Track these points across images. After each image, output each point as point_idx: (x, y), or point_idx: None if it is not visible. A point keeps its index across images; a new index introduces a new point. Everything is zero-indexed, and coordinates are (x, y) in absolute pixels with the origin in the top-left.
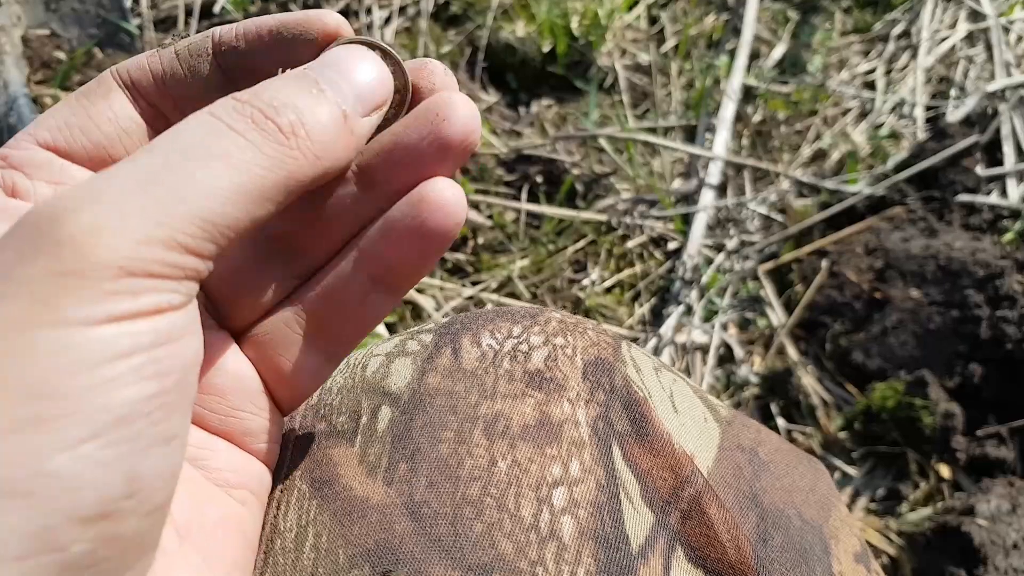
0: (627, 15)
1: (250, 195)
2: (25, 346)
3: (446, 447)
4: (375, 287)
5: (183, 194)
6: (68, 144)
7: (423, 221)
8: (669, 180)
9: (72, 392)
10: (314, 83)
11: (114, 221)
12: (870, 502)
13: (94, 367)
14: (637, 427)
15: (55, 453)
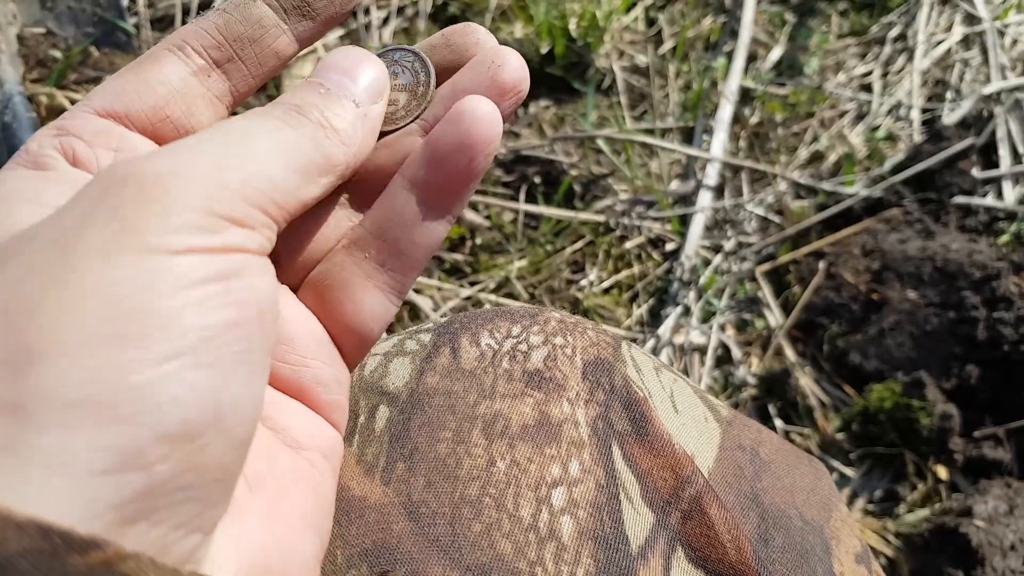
0: (625, 17)
1: (300, 169)
2: (110, 269)
3: (444, 447)
4: (427, 211)
5: (249, 161)
6: (125, 108)
7: (465, 134)
8: (667, 181)
9: (155, 312)
10: (320, 86)
11: (194, 170)
12: (868, 503)
13: (176, 291)
14: (637, 427)
15: (142, 368)
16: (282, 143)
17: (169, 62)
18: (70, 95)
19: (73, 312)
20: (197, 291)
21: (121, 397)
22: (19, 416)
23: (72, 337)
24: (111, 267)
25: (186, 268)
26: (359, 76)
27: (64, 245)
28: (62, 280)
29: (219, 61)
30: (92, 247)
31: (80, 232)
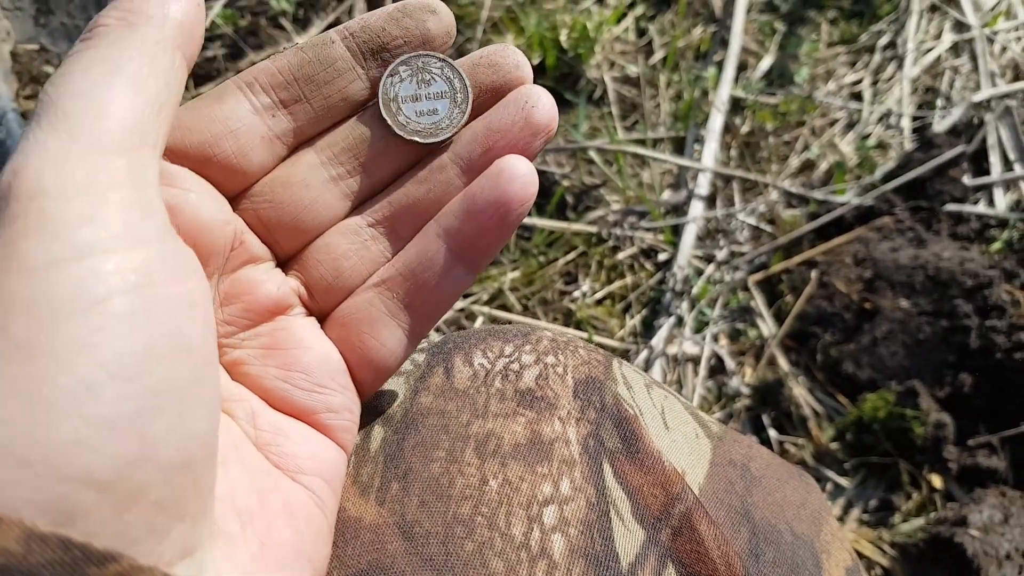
0: (615, 27)
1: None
2: (6, 302)
3: (438, 466)
4: (456, 262)
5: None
6: (174, 142)
7: (503, 191)
8: (659, 191)
9: (60, 347)
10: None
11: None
12: (862, 513)
13: (79, 315)
14: (628, 444)
15: (57, 417)
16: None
17: (232, 99)
18: None
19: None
20: (102, 312)
21: (46, 451)
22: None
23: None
24: (5, 302)
25: (79, 282)
26: None
27: None
28: None
29: (286, 101)
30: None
31: None
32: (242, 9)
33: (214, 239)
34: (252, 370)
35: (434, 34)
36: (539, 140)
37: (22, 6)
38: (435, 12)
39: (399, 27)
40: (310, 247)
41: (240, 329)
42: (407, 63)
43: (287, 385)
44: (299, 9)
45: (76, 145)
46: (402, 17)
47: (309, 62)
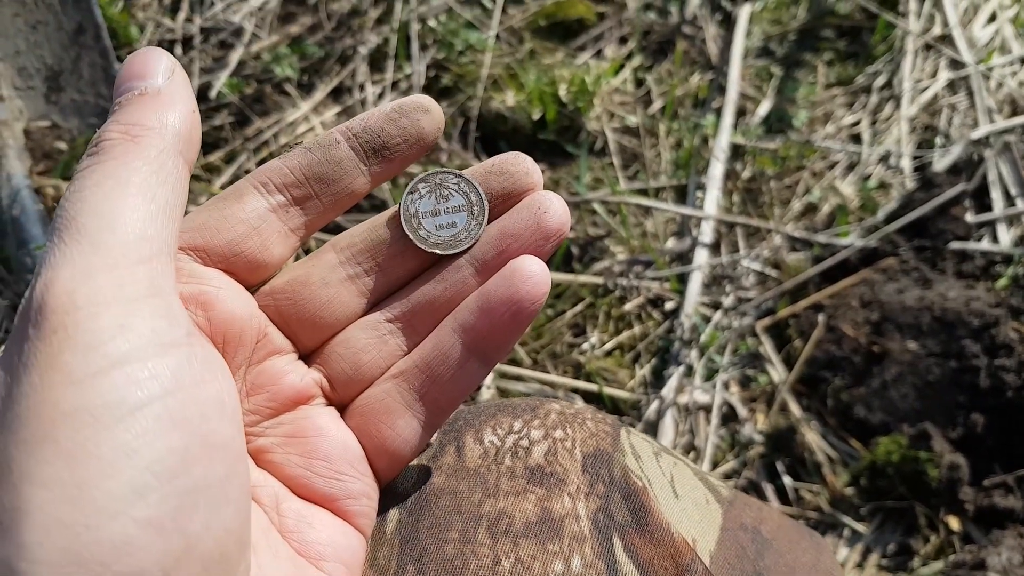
0: (613, 79)
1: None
2: (52, 413)
3: (452, 547)
4: (471, 356)
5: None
6: (205, 243)
7: (516, 290)
8: (663, 240)
9: (106, 453)
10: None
11: (57, 273)
12: (881, 558)
13: (119, 422)
14: (637, 517)
15: (106, 520)
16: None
17: (251, 199)
18: None
19: (35, 468)
20: (141, 418)
21: (96, 550)
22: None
23: (40, 494)
24: (53, 413)
25: (118, 389)
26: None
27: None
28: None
29: (298, 199)
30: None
31: (15, 383)
32: (247, 77)
33: (242, 332)
34: (275, 458)
35: (427, 132)
36: (551, 243)
37: (34, 85)
38: (428, 111)
39: (396, 127)
40: (331, 341)
41: (264, 418)
42: (426, 180)
43: (308, 472)
44: (303, 75)
45: (99, 259)
46: (399, 117)
47: (318, 162)
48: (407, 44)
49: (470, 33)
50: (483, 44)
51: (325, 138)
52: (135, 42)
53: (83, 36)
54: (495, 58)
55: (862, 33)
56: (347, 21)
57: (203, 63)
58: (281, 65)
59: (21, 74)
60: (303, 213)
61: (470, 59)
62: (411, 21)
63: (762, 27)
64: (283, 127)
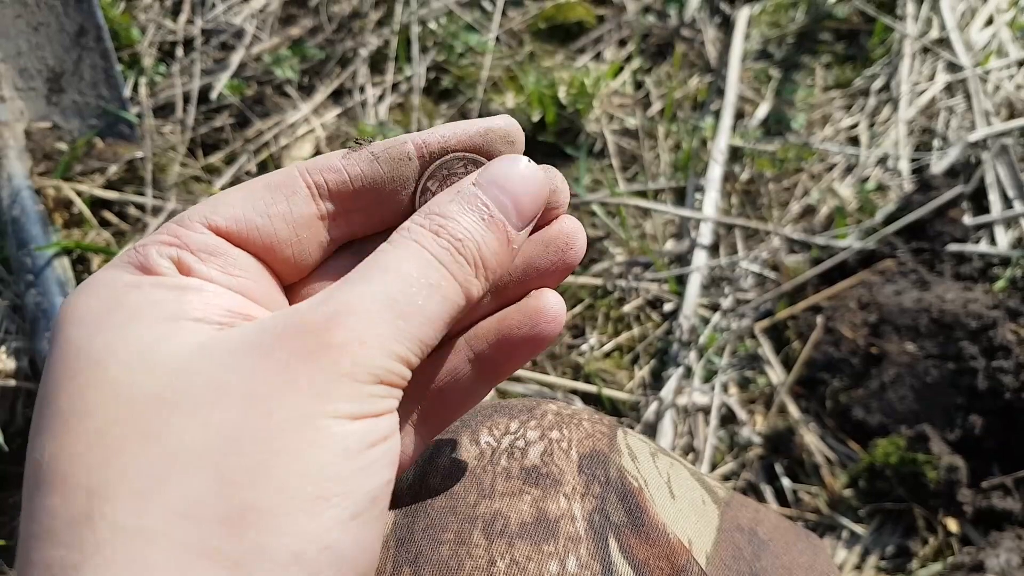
0: (613, 82)
1: (452, 318)
2: (312, 433)
3: (447, 549)
4: (479, 379)
5: (413, 320)
6: (241, 236)
7: (539, 330)
8: (662, 242)
9: (344, 475)
10: (485, 209)
11: (374, 338)
12: (880, 560)
13: (358, 453)
14: (633, 518)
15: (333, 529)
16: (444, 295)
17: (301, 201)
18: (76, 186)
19: (283, 477)
20: (371, 453)
21: (322, 556)
22: (235, 571)
23: (282, 500)
24: (310, 433)
25: (364, 431)
26: (523, 200)
27: (266, 410)
28: (271, 445)
29: (348, 211)
30: (293, 414)
31: (280, 396)
32: (248, 79)
33: None
34: None
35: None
36: (568, 273)
37: (35, 86)
38: (512, 143)
39: (477, 153)
40: None
41: None
42: (433, 176)
43: None
44: (304, 77)
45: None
46: (482, 143)
47: (383, 177)
48: (408, 46)
49: (470, 35)
50: (483, 46)
51: (397, 150)
52: (136, 44)
53: (85, 38)
54: (495, 60)
55: (860, 36)
56: (348, 23)
57: (204, 65)
58: (282, 67)
59: (22, 75)
60: (349, 226)
61: (470, 61)
62: (412, 23)
63: (761, 30)
64: (283, 129)
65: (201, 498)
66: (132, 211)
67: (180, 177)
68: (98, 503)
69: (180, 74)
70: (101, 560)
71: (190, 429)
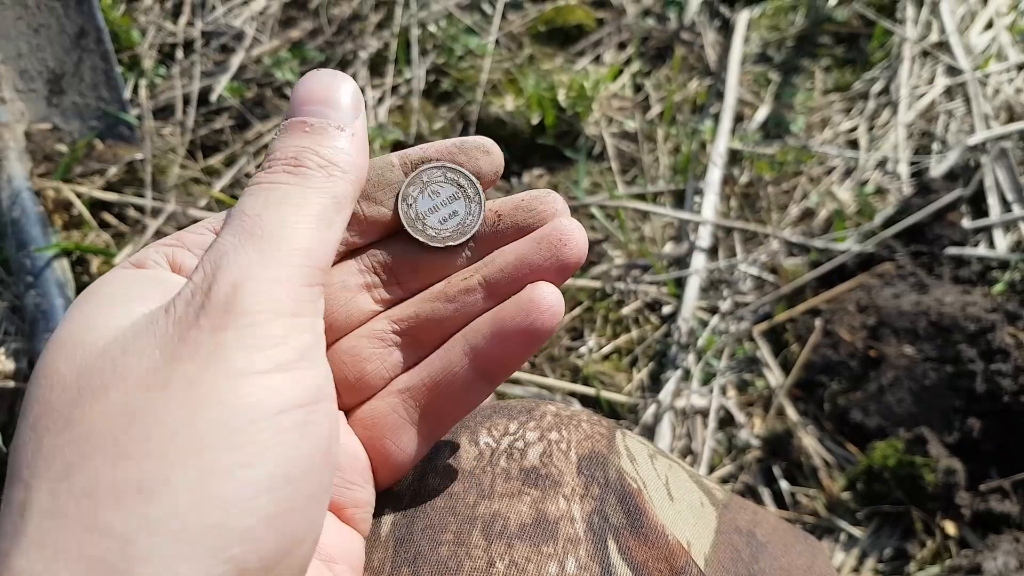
0: (612, 85)
1: (321, 219)
2: (205, 398)
3: (446, 549)
4: (479, 377)
5: (281, 238)
6: None
7: (532, 321)
8: (660, 244)
9: (247, 445)
10: (306, 123)
11: (246, 276)
12: (878, 563)
13: (265, 419)
14: (632, 520)
15: (233, 506)
16: (300, 206)
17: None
18: (76, 188)
19: (177, 449)
20: (283, 420)
21: (216, 533)
22: (125, 546)
23: (178, 473)
24: (206, 399)
25: (274, 389)
26: (337, 99)
27: (159, 378)
28: (163, 416)
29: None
30: (186, 379)
31: (171, 362)
32: (248, 81)
33: None
34: None
35: (485, 172)
36: (568, 274)
37: (35, 87)
38: (488, 153)
39: (454, 163)
40: (336, 346)
41: None
42: (412, 183)
43: None
44: None
45: (279, 271)
46: (458, 153)
47: (371, 183)
48: (407, 49)
49: (470, 38)
50: (483, 49)
51: (382, 161)
52: (136, 46)
53: (85, 39)
54: (494, 63)
55: (859, 39)
56: (348, 26)
57: (204, 67)
58: (282, 69)
59: (23, 77)
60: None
61: (470, 64)
62: (411, 26)
63: (760, 33)
64: None
65: (100, 477)
66: (132, 213)
67: (180, 179)
68: (30, 492)
69: (180, 76)
70: (20, 543)
71: (97, 412)
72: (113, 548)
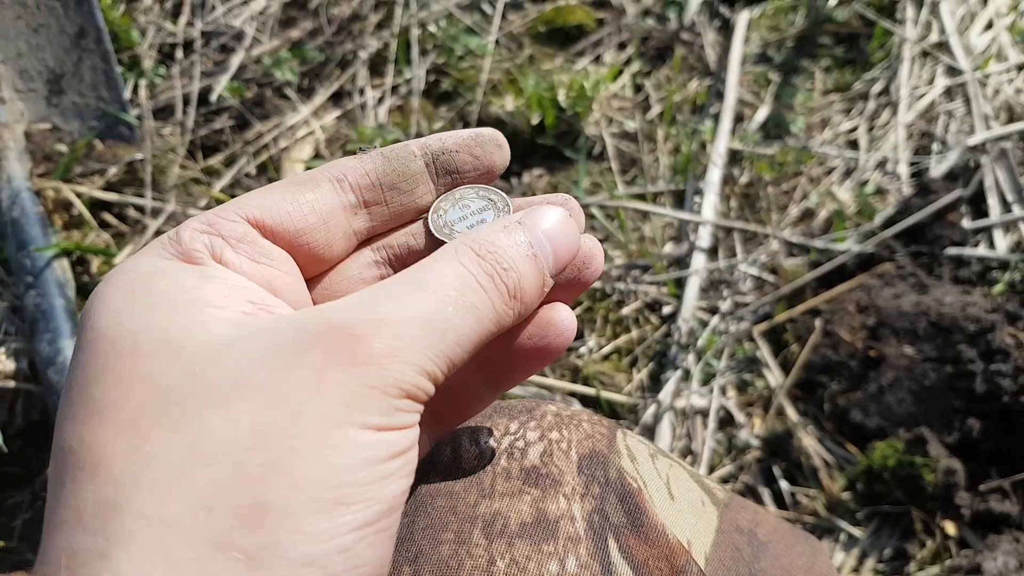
0: (612, 85)
1: (481, 341)
2: (338, 439)
3: (447, 548)
4: (491, 385)
5: (447, 339)
6: (275, 223)
7: (549, 342)
8: (660, 244)
9: (363, 482)
10: (529, 247)
11: (408, 354)
12: (877, 563)
13: (379, 463)
14: (632, 519)
15: (348, 533)
16: (479, 318)
17: (326, 190)
18: (75, 188)
19: (304, 477)
20: (392, 464)
21: (334, 559)
22: (253, 565)
23: (301, 500)
24: (340, 438)
25: (388, 442)
26: (561, 246)
27: (294, 410)
28: (293, 445)
29: (368, 202)
30: (321, 418)
31: (311, 400)
32: (247, 81)
33: None
34: None
35: (497, 164)
36: (584, 290)
37: (35, 87)
38: (501, 147)
39: (471, 155)
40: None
41: None
42: (446, 198)
43: None
44: (303, 79)
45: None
46: (475, 146)
47: (395, 172)
48: (407, 49)
49: (470, 38)
50: (483, 49)
51: (402, 149)
52: (136, 46)
53: (84, 39)
54: (495, 63)
55: (859, 40)
56: (347, 26)
57: (204, 67)
58: (282, 69)
59: (22, 77)
60: (369, 218)
61: (470, 64)
62: (411, 26)
63: (760, 34)
64: (283, 131)
65: (219, 490)
66: (132, 213)
67: (180, 179)
68: (125, 492)
69: (180, 76)
70: (127, 546)
71: (216, 422)
72: (238, 566)
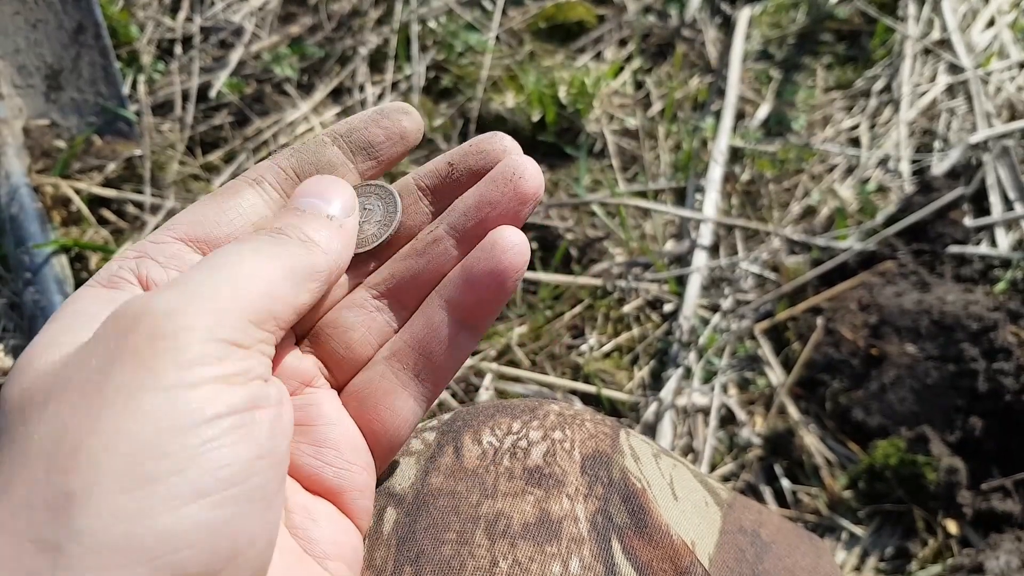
0: (613, 82)
1: (288, 279)
2: (135, 408)
3: (449, 548)
4: (461, 328)
5: (243, 281)
6: (204, 236)
7: (498, 262)
8: (661, 242)
9: (177, 451)
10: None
11: (195, 300)
12: (879, 561)
13: (195, 428)
14: (636, 519)
15: (163, 513)
16: (271, 259)
17: (247, 194)
18: (74, 184)
19: (105, 457)
20: (215, 426)
21: (147, 541)
22: (56, 556)
23: (105, 482)
24: (135, 409)
25: (203, 400)
26: (331, 197)
27: (92, 390)
28: (94, 426)
29: (291, 195)
30: (117, 390)
31: (105, 375)
32: (247, 77)
33: None
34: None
35: (408, 130)
36: (528, 208)
37: (33, 83)
38: (407, 113)
39: (379, 127)
40: (320, 323)
41: None
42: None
43: (319, 463)
44: (303, 75)
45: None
46: (381, 118)
47: (309, 162)
48: (407, 45)
49: (470, 35)
50: (483, 46)
51: (312, 140)
52: (135, 41)
53: (83, 35)
54: (495, 60)
55: (861, 37)
56: (347, 22)
57: (203, 63)
58: (281, 65)
59: (21, 72)
60: None
61: (470, 60)
62: (411, 22)
63: (761, 31)
64: (283, 127)
65: (35, 487)
66: (130, 209)
67: (179, 175)
68: None
69: (179, 72)
70: None
71: (35, 426)
72: (45, 559)
